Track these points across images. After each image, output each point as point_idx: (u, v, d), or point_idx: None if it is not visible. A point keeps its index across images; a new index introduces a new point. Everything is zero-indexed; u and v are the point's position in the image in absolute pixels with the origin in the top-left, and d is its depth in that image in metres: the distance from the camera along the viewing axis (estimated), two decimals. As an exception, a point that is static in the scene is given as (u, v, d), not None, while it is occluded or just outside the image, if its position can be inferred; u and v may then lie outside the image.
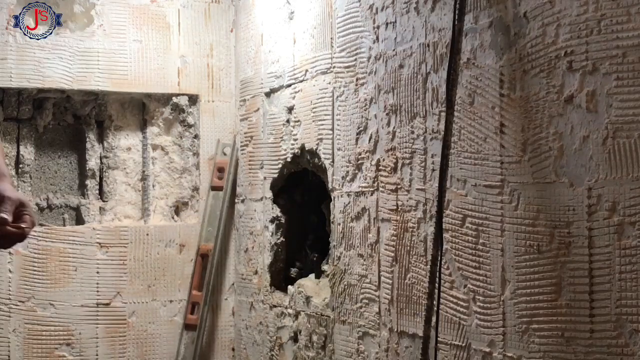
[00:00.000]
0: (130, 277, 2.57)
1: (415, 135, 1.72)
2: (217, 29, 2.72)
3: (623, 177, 1.22)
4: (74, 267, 2.50)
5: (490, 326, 1.49)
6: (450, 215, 1.59)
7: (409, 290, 1.75)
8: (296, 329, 2.25)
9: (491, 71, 1.49)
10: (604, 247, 1.25)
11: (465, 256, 1.56)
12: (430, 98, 1.67)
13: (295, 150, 2.28)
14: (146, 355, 2.57)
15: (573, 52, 1.31)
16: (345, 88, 2.01)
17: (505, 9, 1.46)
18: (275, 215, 2.43)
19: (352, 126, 1.97)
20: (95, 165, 2.62)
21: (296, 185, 2.44)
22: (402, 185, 1.77)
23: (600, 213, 1.25)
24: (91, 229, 2.55)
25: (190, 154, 2.71)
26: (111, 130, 2.66)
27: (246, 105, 2.62)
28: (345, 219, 2.01)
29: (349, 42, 1.99)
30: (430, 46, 1.67)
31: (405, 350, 1.76)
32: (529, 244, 1.40)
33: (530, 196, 1.40)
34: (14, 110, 2.52)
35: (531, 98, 1.39)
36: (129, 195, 2.68)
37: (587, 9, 1.28)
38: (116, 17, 2.57)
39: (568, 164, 1.32)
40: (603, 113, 1.25)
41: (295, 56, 2.28)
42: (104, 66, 2.55)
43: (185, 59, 2.67)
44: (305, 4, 2.22)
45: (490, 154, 1.49)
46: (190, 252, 2.66)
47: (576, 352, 1.30)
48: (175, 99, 2.68)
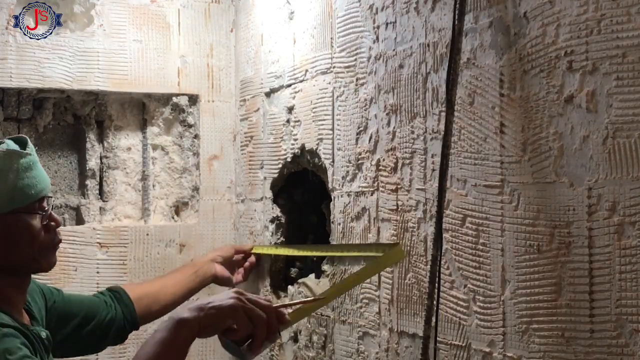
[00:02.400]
0: (131, 277, 2.57)
1: (415, 135, 1.72)
2: (217, 29, 2.72)
3: (623, 177, 1.22)
4: (74, 267, 2.50)
5: (490, 326, 1.49)
6: (450, 215, 1.59)
7: (409, 290, 1.75)
8: (296, 329, 2.25)
9: (491, 71, 1.49)
10: (604, 247, 1.25)
11: (465, 256, 1.56)
12: (430, 98, 1.67)
13: (295, 150, 2.28)
14: (146, 355, 2.57)
15: (573, 52, 1.31)
16: (345, 88, 2.01)
17: (505, 9, 1.46)
18: (275, 215, 2.43)
19: (352, 126, 1.97)
20: (95, 165, 2.62)
21: (296, 185, 2.44)
22: (402, 185, 1.77)
23: (600, 213, 1.25)
24: (91, 229, 2.55)
25: (190, 154, 2.71)
26: (111, 130, 2.66)
27: (246, 105, 2.62)
28: (345, 219, 2.01)
29: (349, 42, 1.99)
30: (430, 46, 1.67)
31: (405, 350, 1.76)
32: (529, 244, 1.40)
33: (531, 196, 1.40)
34: (14, 110, 2.52)
35: (531, 98, 1.39)
36: (129, 195, 2.68)
37: (587, 9, 1.28)
38: (116, 17, 2.57)
39: (568, 163, 1.32)
40: (603, 113, 1.25)
41: (295, 56, 2.28)
42: (104, 66, 2.55)
43: (185, 59, 2.67)
44: (305, 4, 2.22)
45: (490, 154, 1.49)
46: (190, 252, 2.66)
47: (576, 352, 1.30)
48: (175, 99, 2.68)
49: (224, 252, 2.38)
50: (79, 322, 1.84)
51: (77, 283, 2.49)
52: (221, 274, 2.30)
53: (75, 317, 1.84)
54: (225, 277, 2.31)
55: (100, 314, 1.90)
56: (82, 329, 1.85)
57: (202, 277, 2.24)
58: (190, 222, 2.69)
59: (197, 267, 2.27)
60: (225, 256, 2.35)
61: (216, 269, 2.29)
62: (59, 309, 1.78)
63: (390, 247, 1.74)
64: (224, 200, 2.72)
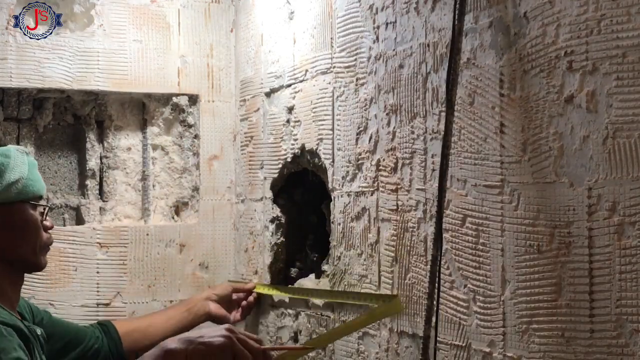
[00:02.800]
0: (131, 277, 2.57)
1: (415, 135, 1.72)
2: (217, 29, 2.72)
3: (623, 177, 1.22)
4: (74, 267, 2.50)
5: (490, 326, 1.49)
6: (450, 215, 1.59)
7: (409, 290, 1.75)
8: (296, 329, 2.25)
9: (491, 71, 1.49)
10: (604, 247, 1.25)
11: (465, 256, 1.56)
12: (430, 98, 1.67)
13: (295, 150, 2.28)
14: (146, 356, 2.57)
15: (573, 52, 1.31)
16: (345, 88, 2.01)
17: (505, 9, 1.46)
18: (275, 215, 2.43)
19: (352, 126, 1.97)
20: (95, 165, 2.62)
21: (296, 185, 2.44)
22: (402, 185, 1.77)
23: (600, 213, 1.25)
24: (91, 229, 2.55)
25: (190, 154, 2.71)
26: (111, 130, 2.66)
27: (246, 105, 2.62)
28: (345, 219, 2.01)
29: (349, 42, 1.99)
30: (430, 46, 1.67)
31: (405, 350, 1.76)
32: (529, 244, 1.40)
33: (531, 196, 1.40)
34: (14, 110, 2.52)
35: (531, 98, 1.39)
36: (129, 195, 2.68)
37: (587, 9, 1.28)
38: (116, 17, 2.57)
39: (568, 164, 1.32)
40: (603, 113, 1.25)
41: (295, 56, 2.28)
42: (104, 66, 2.55)
43: (185, 59, 2.67)
44: (305, 4, 2.22)
45: (490, 154, 1.49)
46: (190, 252, 2.66)
47: (576, 352, 1.30)
48: (175, 99, 2.68)
49: (220, 290, 2.38)
50: (62, 345, 1.87)
51: (77, 283, 2.49)
52: (215, 312, 2.30)
53: (59, 341, 1.87)
54: (220, 316, 2.31)
55: (87, 343, 1.94)
56: (66, 354, 1.87)
57: (194, 314, 2.26)
58: (190, 222, 2.69)
59: (190, 304, 2.29)
60: (222, 295, 2.35)
61: (210, 307, 2.30)
62: (46, 328, 1.79)
63: (389, 300, 1.76)
64: (224, 200, 2.72)
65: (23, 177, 1.65)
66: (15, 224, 1.65)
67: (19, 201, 1.65)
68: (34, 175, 1.70)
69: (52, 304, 2.45)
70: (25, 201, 1.66)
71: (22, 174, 1.65)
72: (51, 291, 2.46)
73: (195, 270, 2.67)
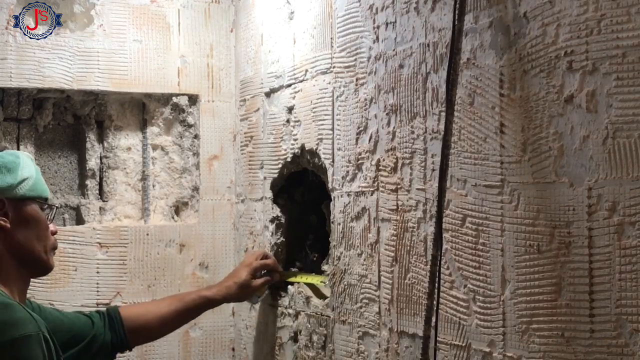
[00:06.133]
0: (130, 277, 2.57)
1: (415, 135, 1.72)
2: (217, 29, 2.72)
3: (623, 177, 1.22)
4: (74, 267, 2.50)
5: (490, 326, 1.49)
6: (450, 215, 1.59)
7: (409, 290, 1.75)
8: (296, 329, 2.25)
9: (491, 71, 1.49)
10: (604, 247, 1.25)
11: (465, 256, 1.56)
12: (430, 98, 1.67)
13: (295, 150, 2.28)
14: (146, 355, 2.57)
15: (573, 52, 1.31)
16: (345, 88, 2.01)
17: (505, 9, 1.46)
18: (275, 215, 2.43)
19: (352, 126, 1.97)
20: (95, 165, 2.62)
21: (296, 185, 2.44)
22: (402, 185, 1.77)
23: (600, 213, 1.25)
24: (91, 228, 2.55)
25: (190, 154, 2.71)
26: (111, 130, 2.66)
27: (246, 105, 2.62)
28: (345, 219, 2.01)
29: (349, 42, 1.99)
30: (430, 46, 1.67)
31: (405, 350, 1.76)
32: (529, 244, 1.40)
33: (530, 196, 1.40)
34: (14, 110, 2.52)
35: (531, 98, 1.39)
36: (129, 195, 2.68)
37: (587, 9, 1.28)
38: (116, 17, 2.57)
39: (568, 164, 1.32)
40: (603, 113, 1.25)
41: (295, 56, 2.28)
42: (104, 66, 2.55)
43: (185, 59, 2.67)
44: (305, 4, 2.22)
45: (490, 154, 1.49)
46: (190, 252, 2.66)
47: (576, 352, 1.30)
48: (175, 99, 2.68)
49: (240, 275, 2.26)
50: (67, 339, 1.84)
51: (77, 283, 2.50)
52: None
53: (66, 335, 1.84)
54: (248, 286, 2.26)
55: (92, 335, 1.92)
56: (70, 348, 1.85)
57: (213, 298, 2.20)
58: (190, 222, 2.69)
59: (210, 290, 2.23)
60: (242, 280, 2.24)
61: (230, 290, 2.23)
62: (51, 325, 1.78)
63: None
64: (224, 200, 2.72)
65: (32, 176, 1.70)
66: (30, 221, 1.67)
67: (30, 199, 1.68)
68: (40, 178, 1.74)
69: (52, 303, 2.44)
70: (35, 199, 1.70)
71: (31, 173, 1.70)
72: (51, 291, 2.46)
73: (195, 270, 2.67)
